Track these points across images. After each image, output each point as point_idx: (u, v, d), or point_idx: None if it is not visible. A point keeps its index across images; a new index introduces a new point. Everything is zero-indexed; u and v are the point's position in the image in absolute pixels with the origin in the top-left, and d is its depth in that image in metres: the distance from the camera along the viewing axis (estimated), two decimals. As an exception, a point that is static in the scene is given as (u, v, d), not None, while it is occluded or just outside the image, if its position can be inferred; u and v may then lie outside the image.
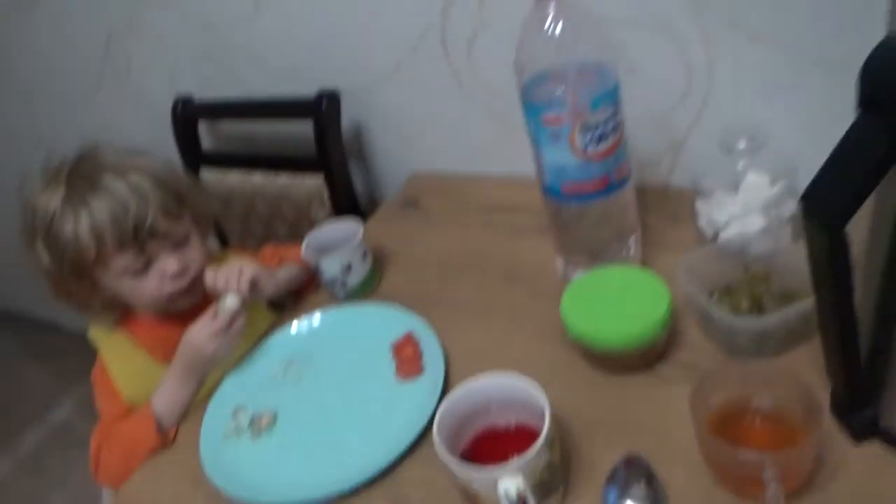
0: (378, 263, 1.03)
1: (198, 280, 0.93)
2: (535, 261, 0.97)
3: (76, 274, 0.87)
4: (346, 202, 1.21)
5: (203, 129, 1.41)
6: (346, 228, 1.02)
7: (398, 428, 0.76)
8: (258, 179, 1.30)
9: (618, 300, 0.75)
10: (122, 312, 0.99)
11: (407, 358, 0.85)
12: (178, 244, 0.91)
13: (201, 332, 0.85)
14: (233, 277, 0.88)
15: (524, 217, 1.07)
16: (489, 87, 1.11)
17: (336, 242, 1.01)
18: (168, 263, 0.89)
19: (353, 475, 0.72)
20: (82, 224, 0.84)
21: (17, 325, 2.91)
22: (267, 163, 1.29)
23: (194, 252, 0.93)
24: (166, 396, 0.87)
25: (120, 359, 0.94)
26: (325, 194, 1.21)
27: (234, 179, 1.33)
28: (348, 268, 0.96)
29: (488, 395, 0.66)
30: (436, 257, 1.05)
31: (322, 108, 1.13)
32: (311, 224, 1.27)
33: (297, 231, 1.30)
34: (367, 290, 1.00)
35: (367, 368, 0.87)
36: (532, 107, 0.74)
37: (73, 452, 2.19)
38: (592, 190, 0.77)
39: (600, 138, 0.73)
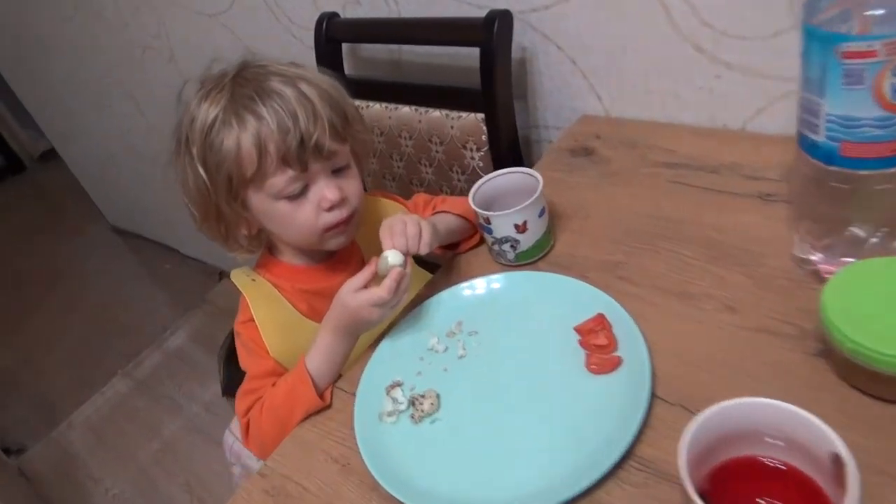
0: (552, 223, 0.87)
1: (354, 216, 0.82)
2: (752, 236, 0.78)
3: (229, 191, 0.78)
4: (507, 145, 1.05)
5: (346, 52, 1.27)
6: (519, 179, 0.87)
7: (595, 437, 0.62)
8: (405, 113, 1.15)
9: (911, 305, 0.56)
10: (265, 254, 0.90)
11: (600, 347, 0.70)
12: (338, 172, 0.81)
13: (362, 298, 0.74)
14: (413, 239, 0.77)
15: (732, 179, 0.88)
16: (702, 14, 0.90)
17: (505, 194, 0.87)
18: (327, 190, 0.78)
19: (541, 493, 0.59)
20: (247, 132, 0.74)
21: (143, 249, 3.00)
22: (417, 95, 1.14)
23: (353, 184, 0.82)
24: (321, 355, 0.78)
25: (266, 309, 0.85)
26: (484, 135, 1.05)
27: (376, 112, 1.20)
28: (523, 226, 0.81)
29: (752, 423, 0.50)
30: (618, 219, 0.88)
31: (493, 32, 0.95)
32: (463, 168, 1.12)
33: (444, 175, 1.16)
34: (539, 253, 0.85)
35: (547, 353, 0.73)
36: (822, 33, 0.54)
37: (187, 380, 2.24)
38: (889, 154, 0.57)
39: (920, 85, 0.53)
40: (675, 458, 0.47)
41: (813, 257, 0.70)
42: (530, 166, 1.09)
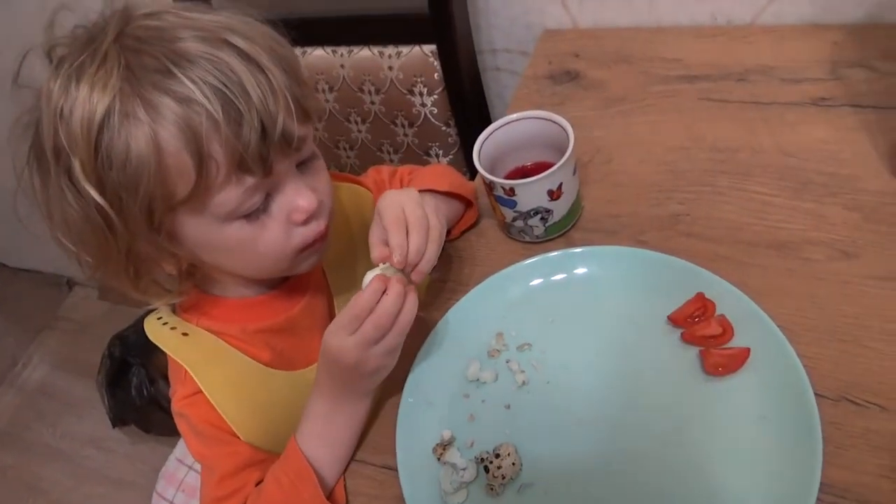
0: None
1: (331, 223, 0.58)
2: (829, 155, 0.64)
3: (149, 222, 0.50)
4: (470, 82, 0.82)
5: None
6: (524, 128, 0.65)
7: (756, 469, 0.46)
8: (319, 58, 0.87)
9: None
10: (193, 291, 0.62)
11: (714, 338, 0.53)
12: (304, 166, 0.55)
13: (350, 345, 0.51)
14: (435, 233, 0.54)
15: (768, 85, 0.72)
16: None
17: (509, 150, 0.65)
18: (300, 197, 0.53)
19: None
20: (167, 125, 0.46)
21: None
22: (331, 30, 0.86)
23: (325, 180, 0.57)
24: (319, 430, 0.55)
25: (214, 372, 0.59)
26: (437, 73, 0.81)
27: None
28: (558, 191, 0.60)
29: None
30: (652, 158, 0.70)
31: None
32: (411, 119, 0.87)
33: (383, 132, 0.91)
34: (573, 221, 0.65)
35: (642, 360, 0.55)
36: None
37: (60, 417, 1.86)
38: None
39: None
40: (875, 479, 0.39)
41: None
42: (490, 106, 0.88)
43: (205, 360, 0.59)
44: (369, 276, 0.52)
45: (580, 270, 0.60)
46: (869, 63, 0.70)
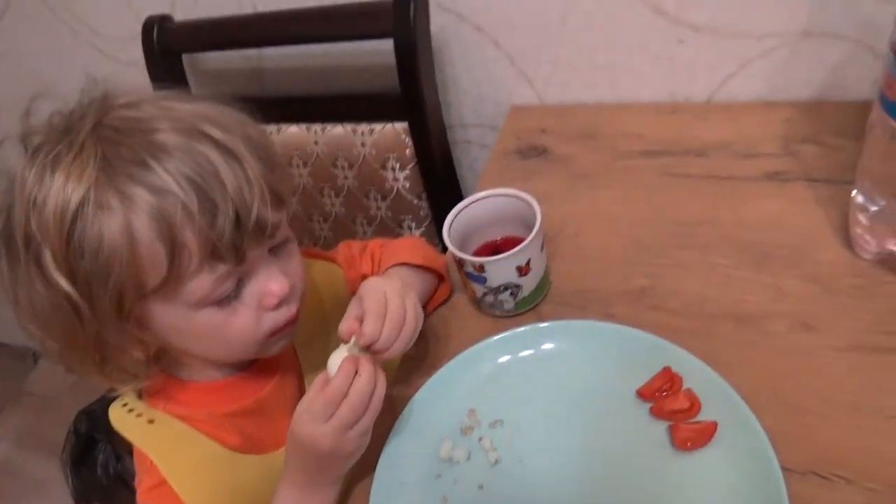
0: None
1: (302, 306, 0.58)
2: (786, 228, 0.66)
3: (119, 311, 0.49)
4: (441, 157, 0.84)
5: (186, 65, 0.97)
6: (494, 204, 0.67)
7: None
8: (293, 135, 0.89)
9: None
10: (159, 376, 0.61)
11: (682, 412, 0.54)
12: (277, 250, 0.55)
13: (326, 431, 0.50)
14: (408, 331, 0.54)
15: (726, 160, 0.75)
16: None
17: (478, 226, 0.67)
18: (272, 282, 0.53)
19: None
20: (142, 215, 0.46)
21: None
22: (306, 108, 0.88)
23: (297, 264, 0.57)
24: None
25: (180, 459, 0.57)
26: (409, 148, 0.84)
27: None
28: (526, 267, 0.62)
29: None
30: (618, 232, 0.71)
31: (411, 15, 0.73)
32: (384, 193, 0.89)
33: (357, 205, 0.92)
34: (542, 295, 0.66)
35: (613, 436, 0.55)
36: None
37: (22, 497, 1.76)
38: None
39: None
40: None
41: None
42: (461, 178, 0.90)
43: (171, 449, 0.57)
44: (335, 357, 0.52)
45: (548, 346, 0.61)
46: (820, 139, 0.74)
